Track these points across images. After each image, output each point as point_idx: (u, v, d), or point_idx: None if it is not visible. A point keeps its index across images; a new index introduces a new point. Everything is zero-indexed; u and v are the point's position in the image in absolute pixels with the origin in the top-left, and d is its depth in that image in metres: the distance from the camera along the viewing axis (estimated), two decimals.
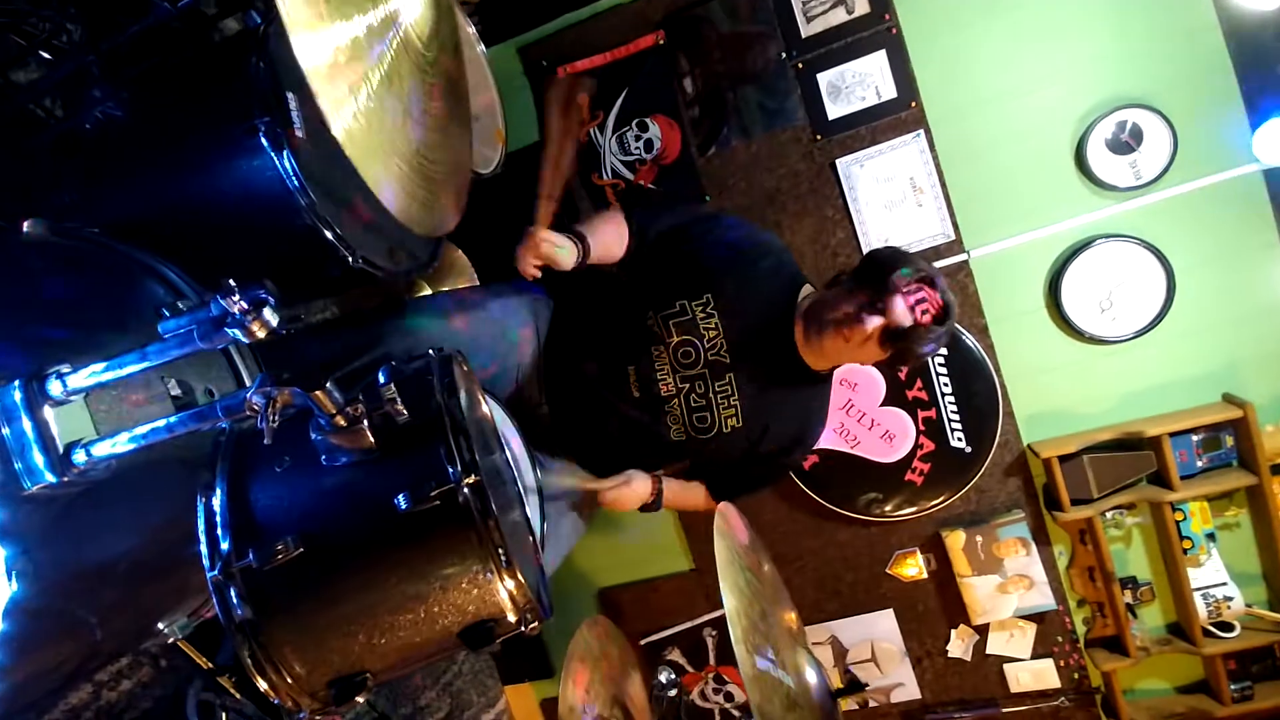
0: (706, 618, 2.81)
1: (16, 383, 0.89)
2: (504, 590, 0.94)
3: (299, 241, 1.41)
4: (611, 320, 1.89)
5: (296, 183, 1.34)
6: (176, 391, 1.17)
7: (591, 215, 1.90)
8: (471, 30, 2.17)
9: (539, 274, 1.68)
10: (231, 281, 0.84)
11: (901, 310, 1.68)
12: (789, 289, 1.91)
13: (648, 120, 2.52)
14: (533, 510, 1.64)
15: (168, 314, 0.92)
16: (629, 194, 2.56)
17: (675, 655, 2.87)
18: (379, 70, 0.96)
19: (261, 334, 0.85)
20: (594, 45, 2.52)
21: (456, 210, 1.28)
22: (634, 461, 1.96)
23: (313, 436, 0.91)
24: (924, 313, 1.68)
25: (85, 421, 0.96)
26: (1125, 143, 2.35)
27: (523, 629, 0.98)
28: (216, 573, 0.87)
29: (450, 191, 1.22)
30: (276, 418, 0.85)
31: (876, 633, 2.68)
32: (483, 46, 2.20)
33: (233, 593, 0.87)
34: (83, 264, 1.23)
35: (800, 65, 2.44)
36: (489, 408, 1.67)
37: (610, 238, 1.86)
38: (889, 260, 1.75)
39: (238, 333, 0.84)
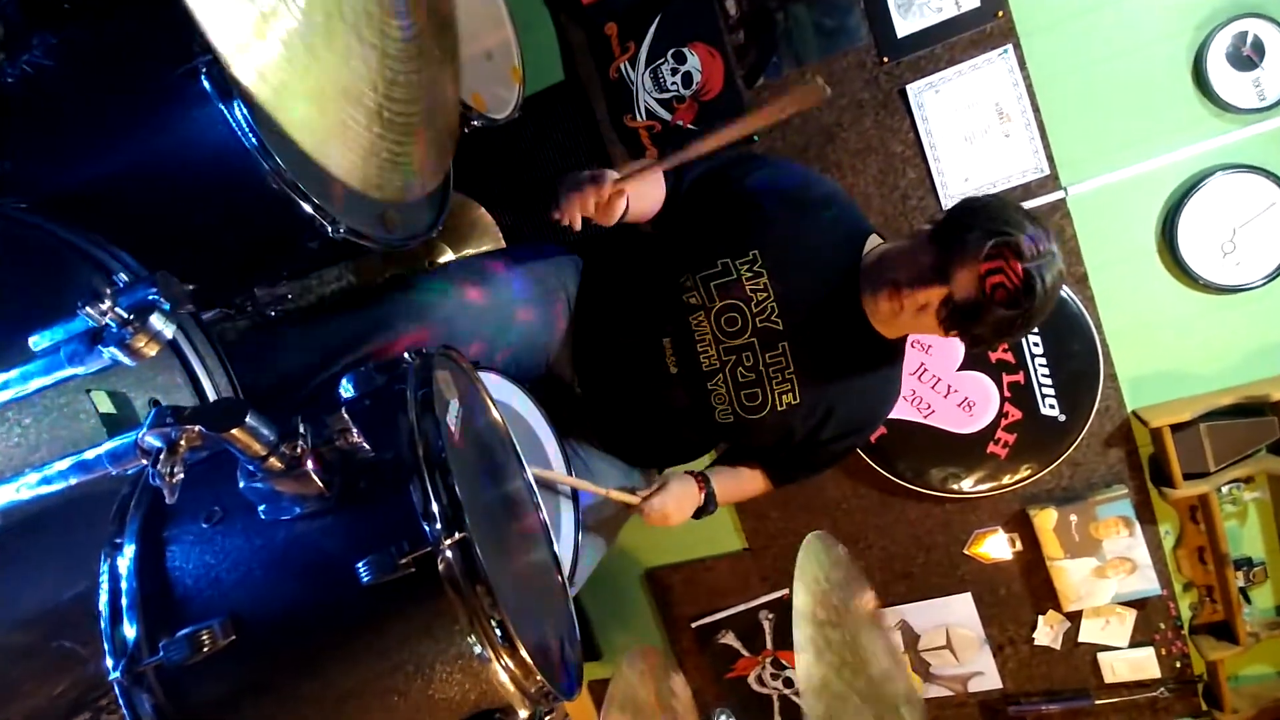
0: (762, 599, 2.60)
1: None
2: (504, 675, 0.70)
3: (266, 210, 1.17)
4: (641, 285, 1.62)
5: (254, 140, 1.09)
6: (108, 407, 0.94)
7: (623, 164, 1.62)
8: None
9: (579, 226, 1.41)
10: (107, 285, 0.60)
11: (967, 282, 1.36)
12: (851, 241, 1.61)
13: (685, 50, 2.20)
14: (566, 523, 1.42)
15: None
16: (666, 136, 2.26)
17: (729, 638, 2.67)
18: None
19: (151, 350, 0.61)
20: None
21: (438, 165, 1.02)
22: (677, 450, 1.71)
23: (240, 485, 0.68)
24: (995, 288, 1.36)
25: None
26: (1247, 57, 1.97)
27: (545, 715, 0.75)
28: (119, 673, 0.65)
29: (427, 142, 0.96)
30: (177, 468, 0.61)
31: (953, 618, 2.42)
32: None
33: (144, 700, 0.65)
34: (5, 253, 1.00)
35: None
36: (516, 402, 1.45)
37: (647, 189, 1.58)
38: (969, 214, 1.44)
39: (116, 352, 0.60)
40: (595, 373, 1.67)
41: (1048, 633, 2.36)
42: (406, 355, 0.78)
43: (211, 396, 1.07)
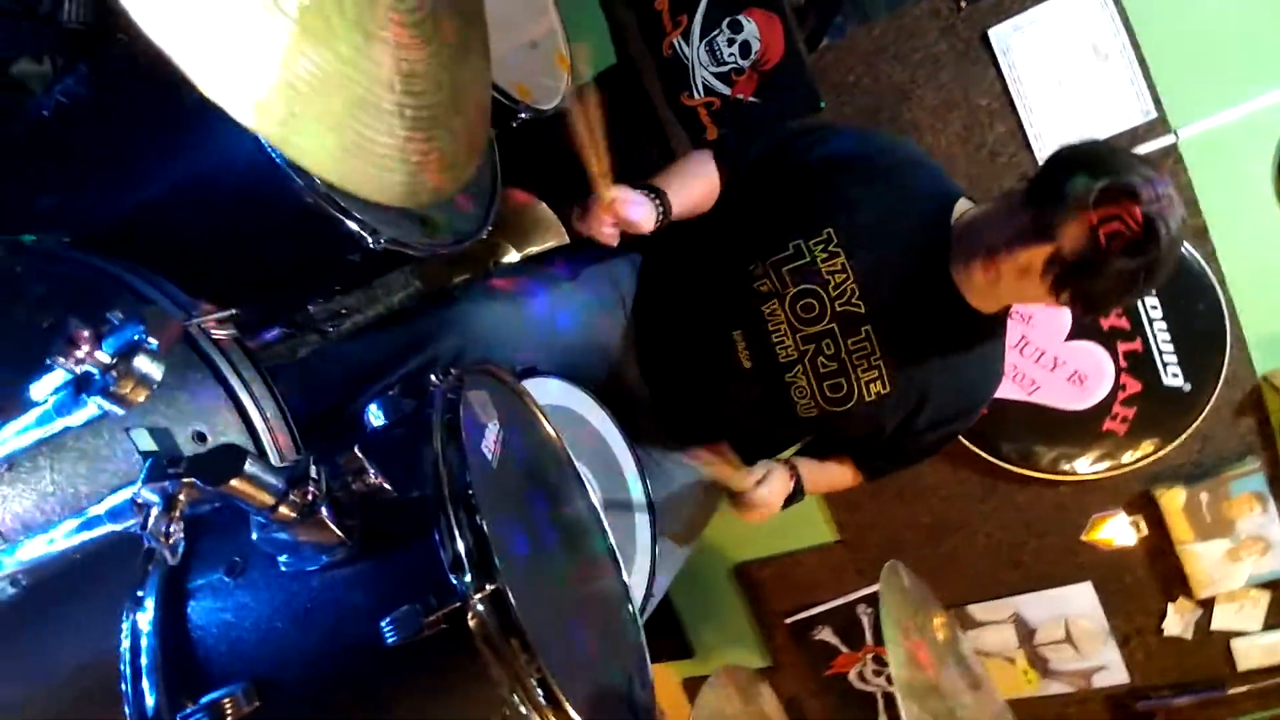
0: (859, 593, 2.45)
1: None
2: None
3: (304, 226, 1.12)
4: (706, 277, 1.51)
5: (283, 156, 1.03)
6: (149, 445, 0.90)
7: (669, 165, 1.51)
8: None
9: (616, 237, 1.33)
10: (82, 329, 0.54)
11: (1077, 234, 1.18)
12: (937, 208, 1.45)
13: (740, 18, 2.06)
14: (641, 534, 1.33)
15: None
16: (726, 113, 2.12)
17: (827, 634, 2.54)
18: None
19: (139, 396, 0.55)
20: None
21: (471, 156, 0.94)
22: (758, 447, 1.60)
23: (250, 536, 0.61)
24: (1112, 237, 1.17)
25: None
26: None
27: None
28: None
29: (456, 132, 0.88)
30: (174, 527, 0.55)
31: (1072, 609, 2.23)
32: None
33: None
34: (30, 292, 0.98)
35: None
36: (581, 407, 1.37)
37: (696, 186, 1.48)
38: (1068, 161, 1.27)
39: (102, 402, 0.54)
40: (663, 373, 1.58)
41: (1178, 622, 2.14)
42: (433, 377, 0.71)
43: (259, 426, 1.03)
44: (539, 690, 0.60)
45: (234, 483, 0.55)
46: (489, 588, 0.58)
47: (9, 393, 0.71)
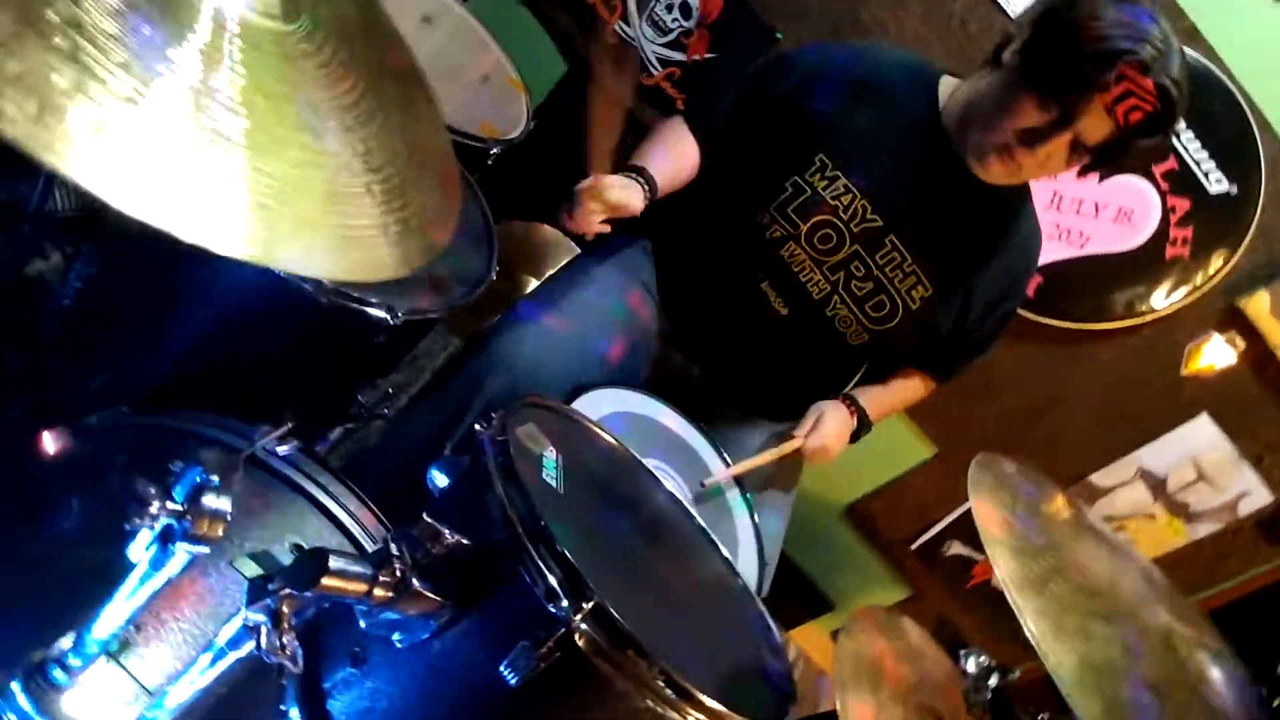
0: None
1: (15, 686, 0.69)
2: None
3: (325, 325, 1.16)
4: (719, 240, 1.50)
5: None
6: (254, 570, 0.95)
7: (642, 142, 1.50)
8: None
9: (606, 227, 1.32)
10: (148, 487, 0.57)
11: (1095, 121, 1.17)
12: (922, 98, 1.42)
13: None
14: (736, 508, 1.34)
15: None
16: (689, 78, 2.11)
17: (956, 548, 2.50)
18: (219, 96, 0.64)
19: (217, 531, 0.58)
20: None
21: (450, 205, 0.95)
22: (821, 386, 1.59)
23: (359, 625, 0.64)
24: (1129, 113, 1.15)
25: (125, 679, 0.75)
26: None
27: None
28: None
29: (427, 188, 0.89)
30: (287, 638, 0.58)
31: (1195, 446, 2.14)
32: (457, 2, 1.84)
33: None
34: (110, 466, 1.04)
35: None
36: (639, 406, 1.37)
37: (673, 154, 1.46)
38: (1059, 31, 1.22)
39: (188, 546, 0.58)
40: (706, 346, 1.58)
41: None
42: (478, 425, 0.73)
43: (347, 521, 1.07)
44: (667, 689, 0.62)
45: (325, 582, 0.58)
46: (587, 606, 0.59)
47: (117, 563, 0.76)
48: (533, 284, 2.19)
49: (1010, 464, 1.05)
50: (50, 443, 1.08)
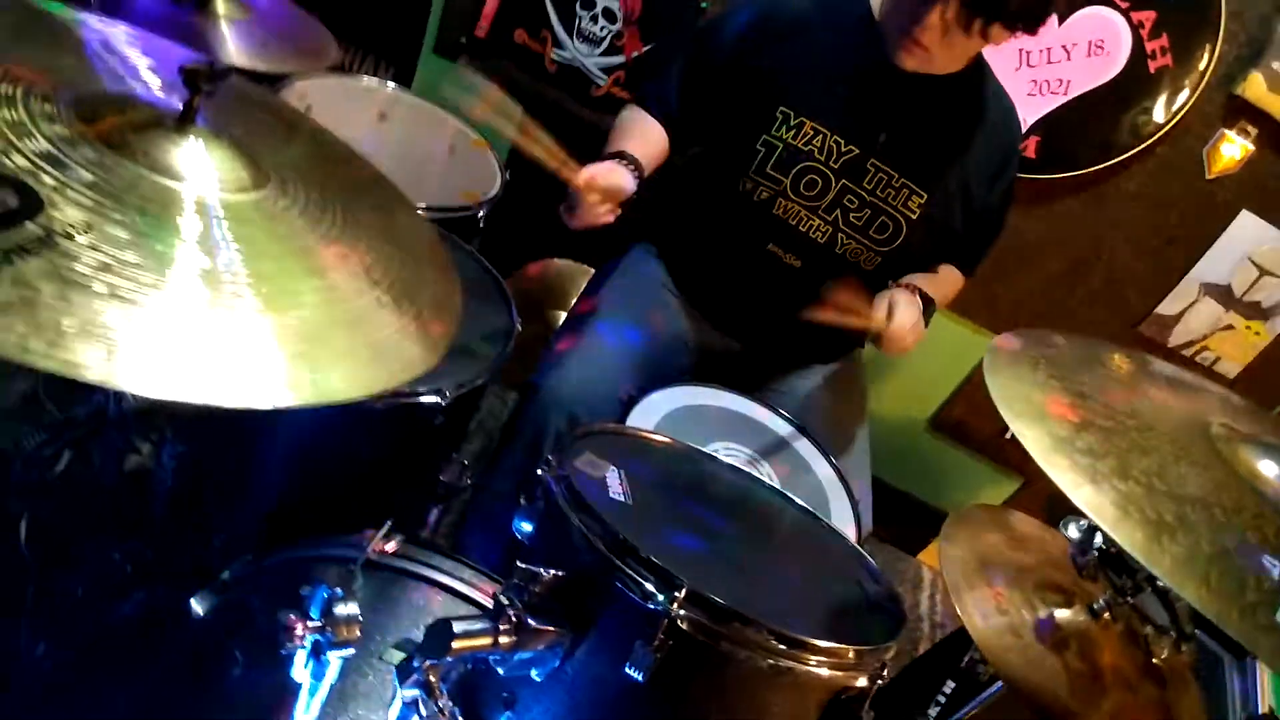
0: None
1: None
2: (819, 669, 0.69)
3: (389, 427, 1.26)
4: (714, 218, 1.56)
5: None
6: (399, 657, 1.04)
7: (609, 136, 1.52)
8: (390, 89, 1.92)
9: (611, 216, 1.33)
10: (288, 614, 0.67)
11: None
12: (858, 22, 1.45)
13: None
14: (814, 461, 1.37)
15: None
16: (634, 76, 2.17)
17: None
18: (222, 277, 0.73)
19: (354, 632, 0.67)
20: None
21: (451, 281, 1.03)
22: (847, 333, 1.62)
23: (500, 673, 0.72)
24: None
25: None
26: None
27: (880, 679, 0.72)
28: None
29: (427, 277, 0.98)
30: (443, 702, 0.66)
31: (1246, 244, 2.09)
32: (403, 91, 1.94)
33: None
34: (253, 609, 1.15)
35: None
36: (696, 399, 1.42)
37: (642, 136, 1.49)
38: None
39: (337, 653, 0.67)
40: (735, 320, 1.63)
41: None
42: (539, 470, 0.80)
43: (467, 590, 1.17)
44: (779, 643, 0.68)
45: (455, 645, 0.66)
46: (681, 594, 0.66)
47: (288, 687, 0.87)
48: (562, 316, 2.27)
49: (1038, 340, 1.06)
50: (198, 606, 1.20)
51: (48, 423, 1.64)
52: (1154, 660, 0.98)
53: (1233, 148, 1.99)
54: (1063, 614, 1.05)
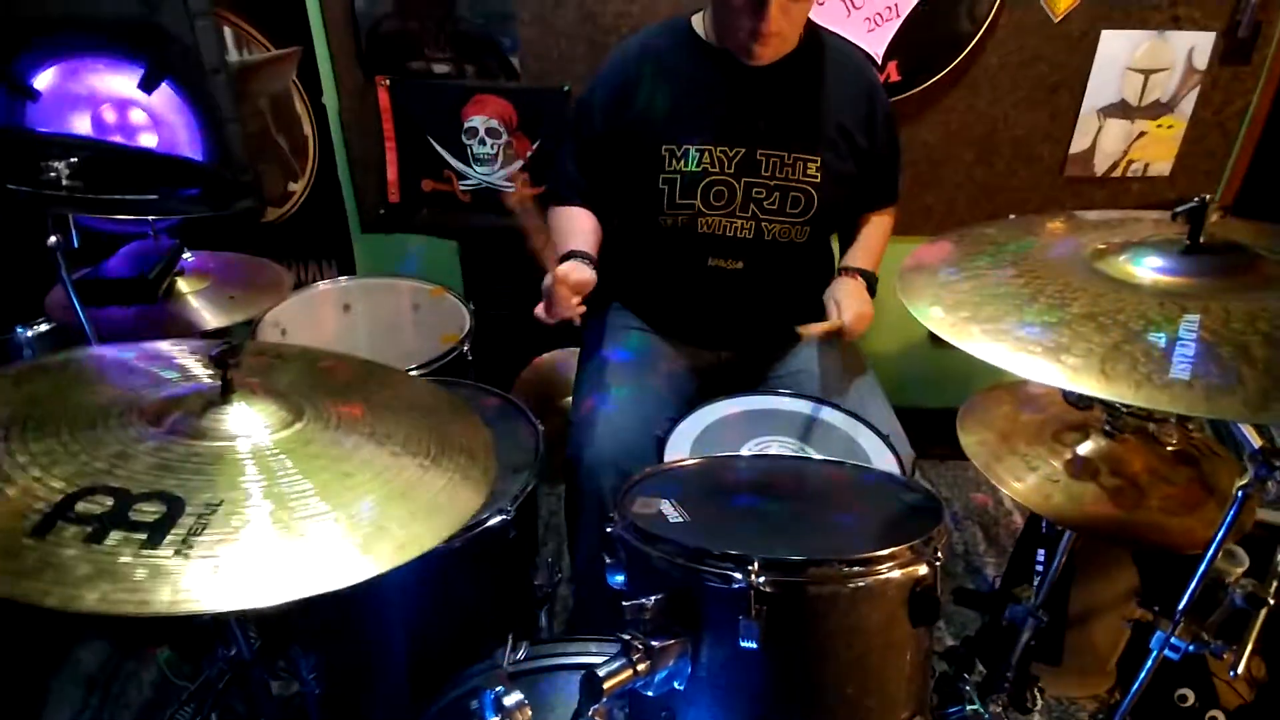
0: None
1: None
2: (889, 573, 0.83)
3: (469, 559, 1.40)
4: (652, 260, 1.72)
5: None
6: None
7: (543, 239, 1.72)
8: (343, 282, 2.11)
9: (582, 307, 1.48)
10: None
11: None
12: (687, 43, 1.64)
13: (465, 123, 2.31)
14: (840, 423, 1.49)
15: None
16: (536, 170, 2.36)
17: None
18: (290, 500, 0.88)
19: (528, 714, 0.81)
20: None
21: (473, 423, 1.19)
22: (820, 279, 1.77)
23: (650, 696, 0.86)
24: None
25: None
26: None
27: (937, 561, 0.86)
28: None
29: (450, 427, 1.13)
30: None
31: (1118, 59, 2.23)
32: (353, 279, 2.14)
33: None
34: None
35: None
36: (715, 413, 1.51)
37: (580, 229, 1.68)
38: None
39: None
40: (712, 334, 1.78)
41: None
42: (610, 530, 0.95)
43: (600, 657, 1.30)
44: (849, 567, 0.82)
45: (606, 686, 0.80)
46: (754, 566, 0.80)
47: None
48: (569, 397, 2.43)
49: (984, 229, 1.16)
50: None
51: (186, 696, 1.80)
52: (1169, 448, 1.10)
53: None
54: (1084, 447, 1.18)
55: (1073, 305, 0.75)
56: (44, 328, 1.83)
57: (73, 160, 1.23)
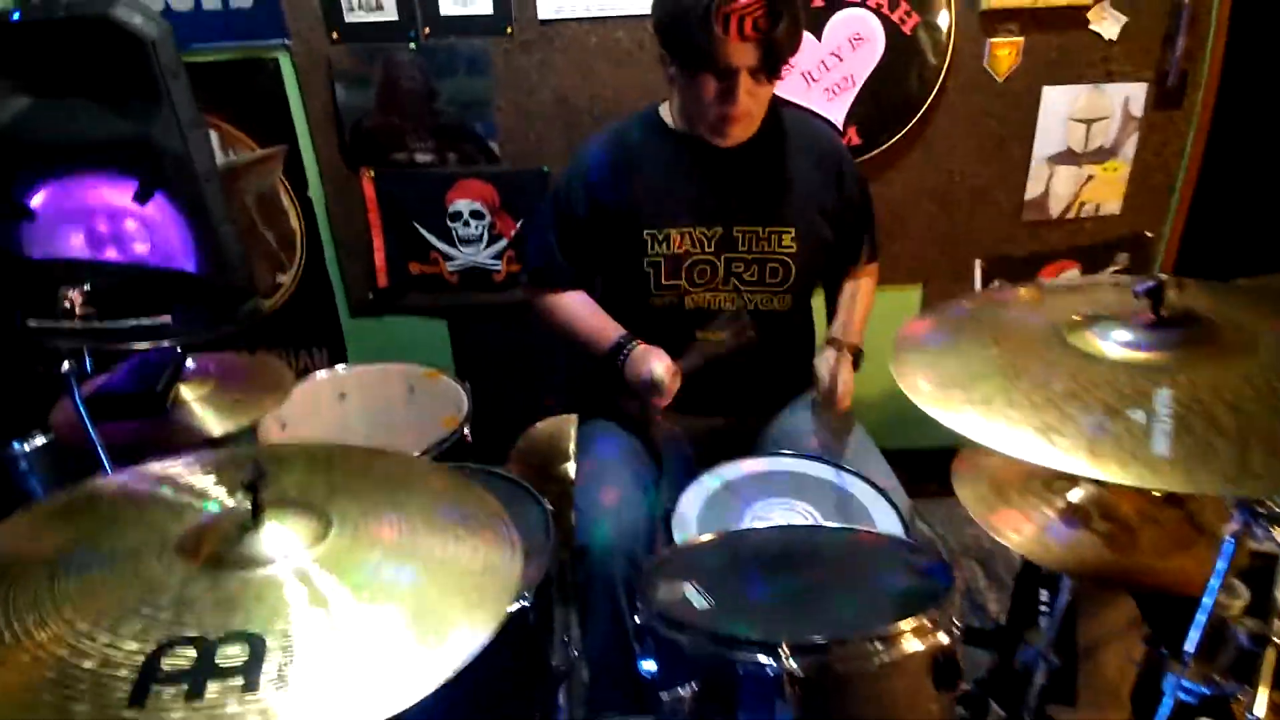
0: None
1: None
2: (911, 646, 0.88)
3: (496, 649, 1.42)
4: (642, 336, 1.78)
5: None
6: None
7: (573, 325, 1.79)
8: (338, 371, 2.14)
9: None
10: None
11: (737, 48, 1.44)
12: (658, 130, 1.72)
13: (450, 207, 2.38)
14: (841, 481, 1.53)
15: None
16: (519, 247, 2.43)
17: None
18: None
19: None
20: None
21: (491, 504, 1.22)
22: (807, 345, 1.84)
23: None
24: (750, 21, 1.42)
25: None
26: None
27: (955, 629, 0.91)
28: None
29: (477, 509, 1.16)
30: None
31: (1059, 111, 2.37)
32: (347, 367, 2.16)
33: None
34: None
35: None
36: (723, 479, 1.54)
37: (595, 313, 1.76)
38: (666, 12, 1.53)
39: None
40: (705, 402, 1.82)
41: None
42: (639, 619, 0.99)
43: None
44: (873, 644, 0.86)
45: None
46: (784, 650, 0.85)
47: None
48: (569, 466, 2.45)
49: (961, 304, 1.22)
50: None
51: None
52: (1154, 491, 1.17)
53: (1004, 50, 2.31)
54: (1074, 494, 1.25)
55: (1055, 383, 0.81)
56: (40, 441, 1.83)
57: (85, 288, 1.26)
